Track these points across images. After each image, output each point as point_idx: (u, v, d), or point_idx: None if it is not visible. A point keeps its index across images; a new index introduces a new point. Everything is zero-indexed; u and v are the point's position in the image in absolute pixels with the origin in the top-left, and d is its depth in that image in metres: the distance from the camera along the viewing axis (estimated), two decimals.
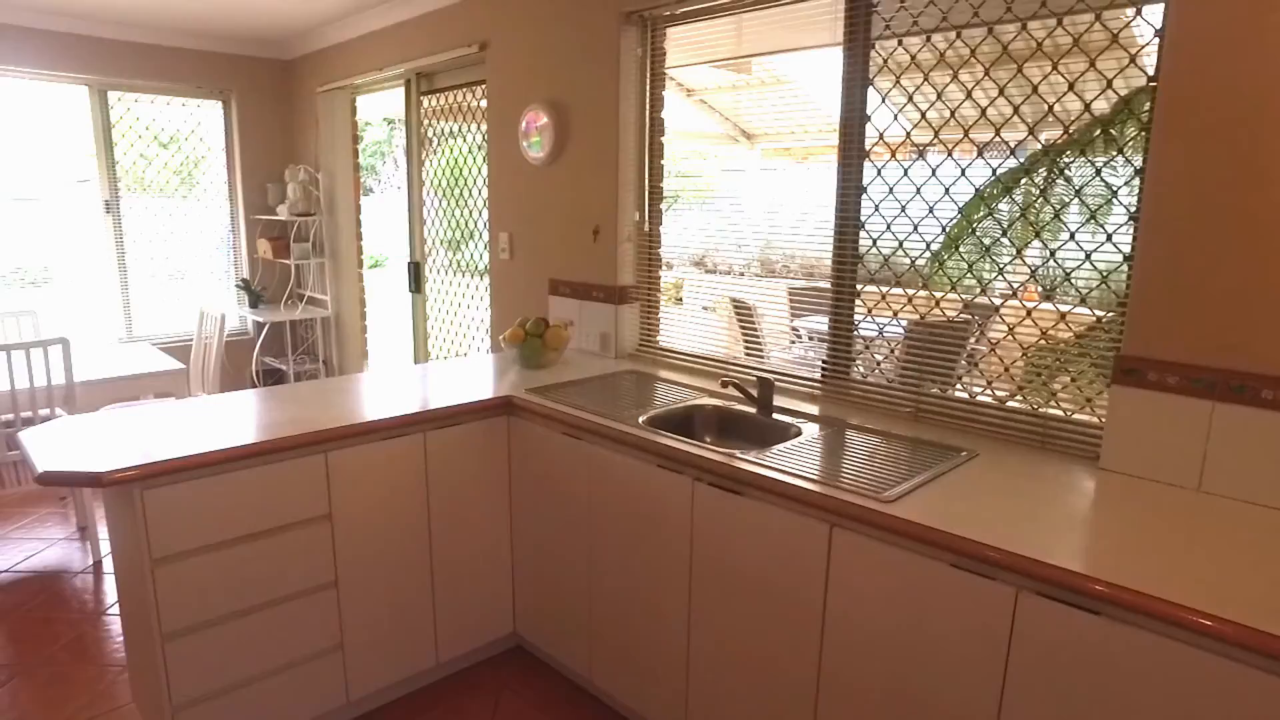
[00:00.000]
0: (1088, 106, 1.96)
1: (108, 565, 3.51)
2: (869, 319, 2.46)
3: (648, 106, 3.04)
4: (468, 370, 2.98)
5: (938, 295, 2.30)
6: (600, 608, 2.41)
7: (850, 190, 2.42)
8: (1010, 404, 2.15)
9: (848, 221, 2.44)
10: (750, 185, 3.45)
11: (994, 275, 2.18)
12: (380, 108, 5.25)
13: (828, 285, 2.54)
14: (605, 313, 3.18)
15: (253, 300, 5.38)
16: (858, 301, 2.48)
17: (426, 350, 4.57)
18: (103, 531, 3.73)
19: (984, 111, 2.12)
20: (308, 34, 4.94)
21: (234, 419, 2.30)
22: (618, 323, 3.15)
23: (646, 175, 3.08)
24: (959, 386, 2.30)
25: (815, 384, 2.59)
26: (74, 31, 4.61)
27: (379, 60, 4.38)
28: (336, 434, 2.23)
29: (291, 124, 5.45)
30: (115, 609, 3.13)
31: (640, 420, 2.29)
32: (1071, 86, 1.97)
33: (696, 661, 2.12)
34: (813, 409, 2.44)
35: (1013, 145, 2.10)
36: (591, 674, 2.51)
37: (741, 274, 3.30)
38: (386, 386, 2.73)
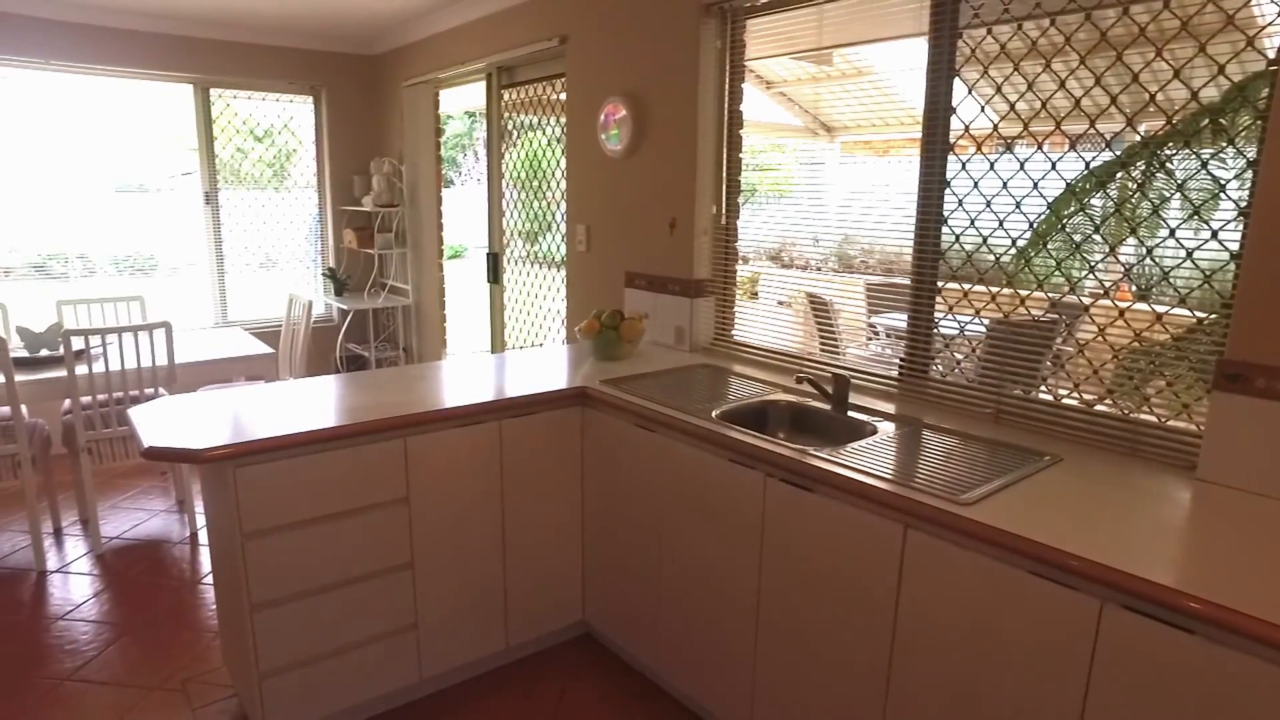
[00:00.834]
0: (1195, 95, 1.85)
1: (203, 537, 3.71)
2: (949, 316, 2.40)
3: (726, 99, 3.02)
4: (543, 361, 3.03)
5: (1023, 293, 2.22)
6: (668, 600, 2.42)
7: (933, 184, 2.35)
8: (1098, 408, 2.07)
9: (929, 216, 2.38)
10: (829, 179, 3.39)
11: (1084, 273, 2.09)
12: (462, 101, 5.35)
13: (907, 281, 2.48)
14: (680, 306, 3.18)
15: (338, 288, 5.58)
16: (938, 298, 2.41)
17: (503, 340, 4.66)
18: (199, 505, 3.94)
19: (1078, 102, 2.03)
20: (394, 30, 5.08)
21: (319, 403, 2.40)
22: (693, 316, 3.15)
23: (724, 168, 3.07)
24: (1043, 388, 2.22)
25: (892, 382, 2.54)
26: (181, 34, 4.85)
27: (462, 54, 4.47)
28: (415, 420, 2.30)
29: (377, 118, 5.61)
30: (209, 578, 3.30)
31: (713, 414, 2.29)
32: (1177, 74, 1.86)
33: (764, 658, 2.11)
34: (889, 407, 2.39)
35: (1109, 137, 2.01)
36: (657, 666, 2.52)
37: (818, 269, 3.25)
38: (464, 375, 2.80)
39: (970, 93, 2.27)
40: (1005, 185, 2.19)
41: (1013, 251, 2.22)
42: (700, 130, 3.03)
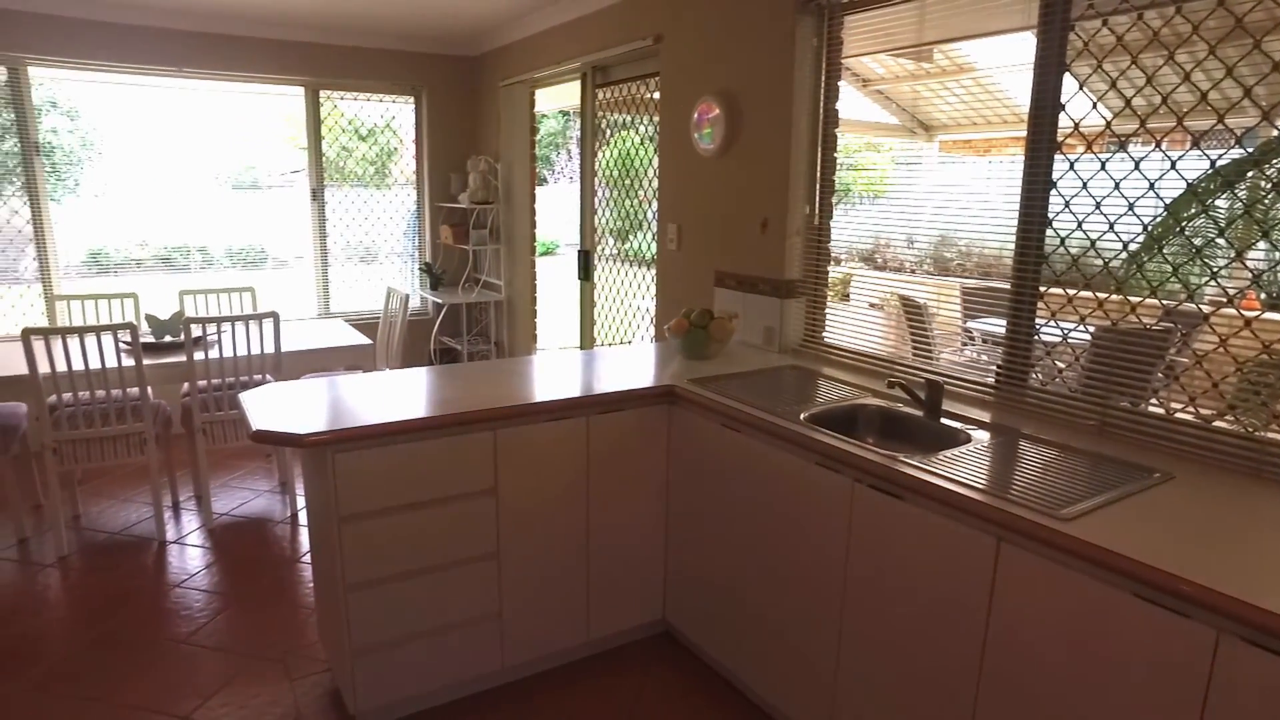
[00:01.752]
0: None
1: (302, 518, 3.89)
2: (1051, 323, 2.29)
3: (822, 97, 2.97)
4: (632, 358, 3.05)
5: (1134, 300, 2.10)
6: (750, 601, 2.40)
7: (1037, 185, 2.26)
8: (1217, 424, 1.94)
9: (1033, 218, 2.28)
10: (926, 179, 3.30)
11: (1205, 280, 1.97)
12: (557, 100, 5.44)
13: (1006, 286, 2.39)
14: (770, 306, 3.15)
15: (433, 283, 5.76)
16: (1039, 304, 2.31)
17: (593, 337, 4.71)
18: (300, 487, 4.13)
19: (1204, 95, 1.91)
20: (493, 31, 5.20)
21: (414, 393, 2.48)
22: (783, 317, 3.12)
23: (818, 167, 3.02)
24: (1153, 401, 2.10)
25: (988, 389, 2.45)
26: (296, 39, 5.10)
27: (558, 54, 4.54)
28: (505, 413, 2.36)
29: (475, 117, 5.76)
30: (308, 557, 3.47)
31: (801, 417, 2.26)
32: None
33: (846, 664, 2.08)
34: (984, 415, 2.31)
35: (1239, 133, 1.87)
36: (736, 667, 2.51)
37: (912, 271, 3.17)
38: (553, 370, 2.84)
39: (1081, 88, 2.16)
40: (1117, 186, 2.08)
41: (1124, 256, 2.10)
42: (794, 129, 2.99)
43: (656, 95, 3.87)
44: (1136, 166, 2.03)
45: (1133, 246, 2.09)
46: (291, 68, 5.16)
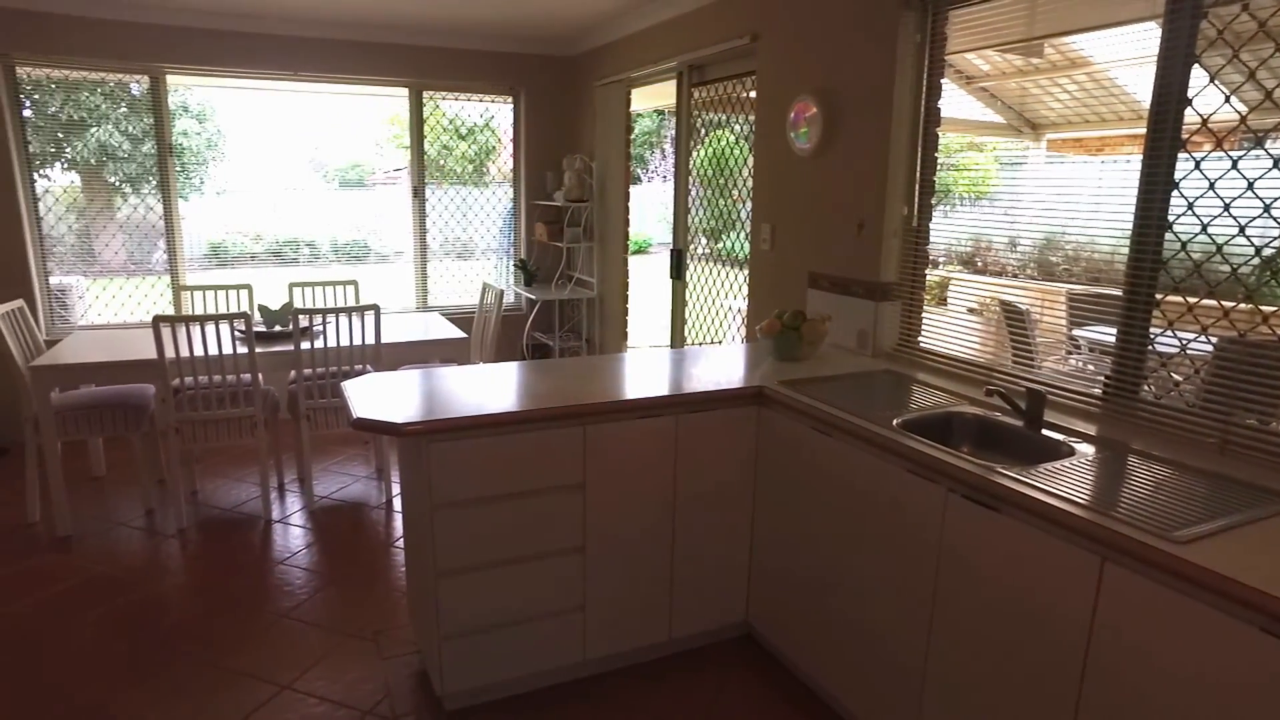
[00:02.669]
0: None
1: (397, 505, 4.04)
2: (1168, 332, 2.16)
3: (923, 95, 2.89)
4: (722, 358, 3.04)
5: (1266, 309, 1.96)
6: (835, 608, 2.36)
7: (1157, 185, 2.13)
8: None
9: (1150, 221, 2.16)
10: (1032, 179, 3.16)
11: None
12: (652, 99, 5.46)
13: (1118, 292, 2.26)
14: (865, 309, 3.09)
15: (527, 279, 5.87)
16: (1155, 312, 2.18)
17: (683, 336, 4.72)
18: (395, 475, 4.29)
19: None
20: (590, 32, 5.27)
21: (506, 387, 2.54)
22: (877, 320, 3.05)
23: (918, 168, 2.94)
24: None
25: (1094, 401, 2.33)
26: (401, 42, 5.29)
27: (654, 54, 4.56)
28: (595, 409, 2.38)
29: (571, 116, 5.85)
30: (401, 542, 3.60)
31: (894, 423, 2.20)
32: None
33: (933, 679, 2.01)
34: (1089, 428, 2.20)
35: None
36: (818, 674, 2.47)
37: (1015, 275, 3.04)
38: (644, 368, 2.86)
39: (1212, 80, 2.03)
40: (1251, 186, 1.94)
41: (1255, 262, 1.96)
42: (894, 128, 2.92)
43: (752, 94, 3.84)
44: (1276, 164, 1.89)
45: (1267, 251, 1.94)
46: (397, 70, 5.36)
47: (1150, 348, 2.20)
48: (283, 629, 2.89)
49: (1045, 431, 2.18)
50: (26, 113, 4.73)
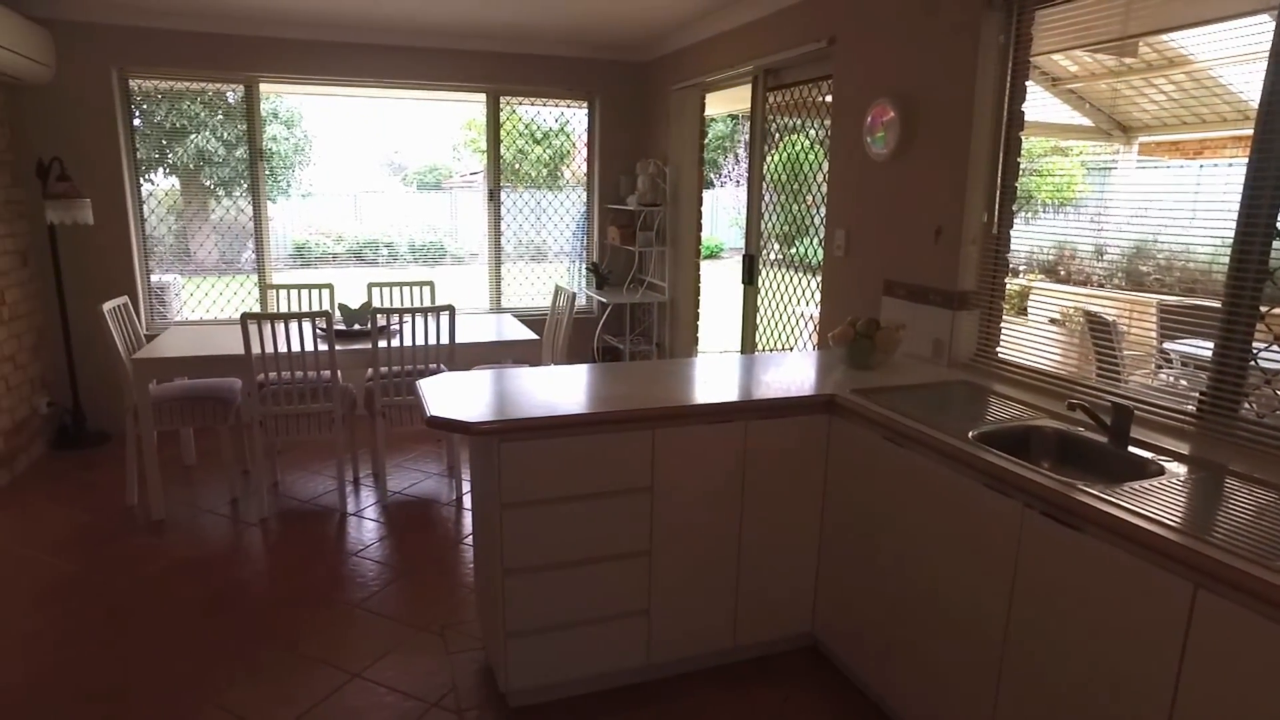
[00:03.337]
0: None
1: (466, 503, 4.12)
2: (1273, 347, 2.04)
3: (1006, 98, 2.80)
4: (793, 365, 3.01)
5: None
6: (904, 624, 2.31)
7: (1264, 189, 2.02)
8: None
9: (1256, 229, 2.04)
10: (1122, 185, 3.03)
11: None
12: (726, 104, 5.45)
13: (1217, 304, 2.15)
14: (941, 318, 3.01)
15: (599, 282, 5.92)
16: (1259, 325, 2.06)
17: (754, 341, 4.69)
18: (466, 473, 4.38)
19: None
20: (665, 37, 5.29)
21: (577, 389, 2.57)
22: (953, 329, 2.97)
23: (999, 173, 2.85)
24: None
25: (1187, 418, 2.22)
26: (479, 49, 5.41)
27: (729, 58, 4.55)
28: (665, 413, 2.39)
29: (645, 121, 5.88)
30: (469, 540, 3.67)
31: (970, 435, 2.14)
32: None
33: (1006, 703, 1.95)
34: (1181, 447, 2.09)
35: None
36: (884, 690, 2.42)
37: (1100, 285, 2.92)
38: (714, 373, 2.85)
39: None
40: None
41: None
42: (974, 133, 2.84)
43: (828, 98, 3.79)
44: None
45: None
46: (476, 76, 5.49)
47: (1253, 363, 2.09)
48: (355, 619, 2.98)
49: (1132, 449, 2.08)
50: (136, 121, 5.01)
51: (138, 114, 5.03)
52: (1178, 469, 1.95)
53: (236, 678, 2.62)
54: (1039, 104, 2.89)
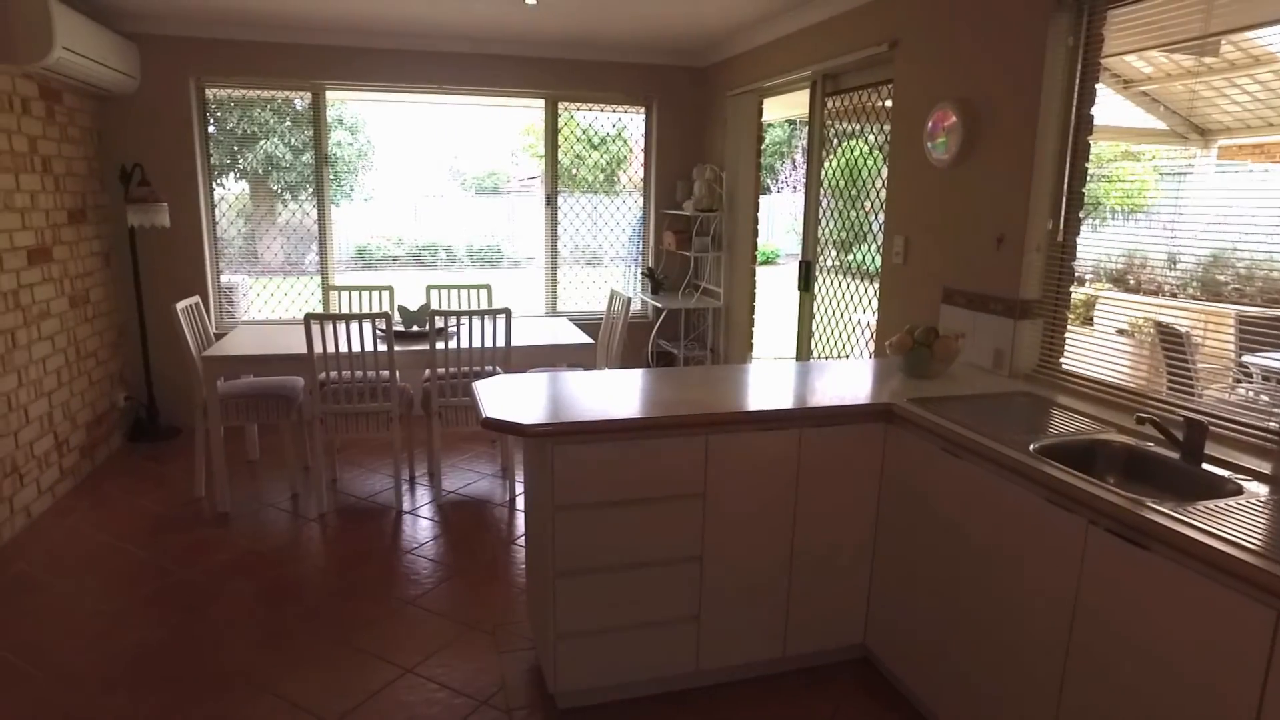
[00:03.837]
0: None
1: (519, 504, 4.16)
2: None
3: (1074, 102, 2.73)
4: (849, 373, 2.97)
5: None
6: (959, 639, 2.25)
7: None
8: None
9: None
10: (1198, 190, 2.92)
11: None
12: (784, 109, 5.41)
13: None
14: (1002, 327, 2.94)
15: (654, 287, 5.93)
16: None
17: (809, 348, 4.64)
18: (519, 474, 4.43)
19: None
20: (722, 42, 5.28)
21: (631, 394, 2.57)
22: (1015, 339, 2.89)
23: (1065, 179, 2.77)
24: None
25: (1269, 435, 2.12)
26: (539, 56, 5.48)
27: (787, 63, 4.52)
28: (719, 419, 2.38)
29: (702, 126, 5.87)
30: (521, 540, 3.70)
31: (1031, 447, 2.08)
32: None
33: None
34: (1261, 465, 2.00)
35: None
36: (937, 706, 2.36)
37: (1173, 295, 2.81)
38: (768, 380, 2.83)
39: None
40: None
41: None
42: (1040, 137, 2.77)
43: (888, 103, 3.73)
44: None
45: None
46: (535, 82, 5.55)
47: None
48: (408, 615, 3.03)
49: (1206, 466, 2.00)
50: (210, 129, 5.20)
51: (212, 121, 5.22)
52: (1258, 489, 1.86)
53: (294, 668, 2.69)
54: (1109, 107, 2.80)
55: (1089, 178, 2.74)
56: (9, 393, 3.66)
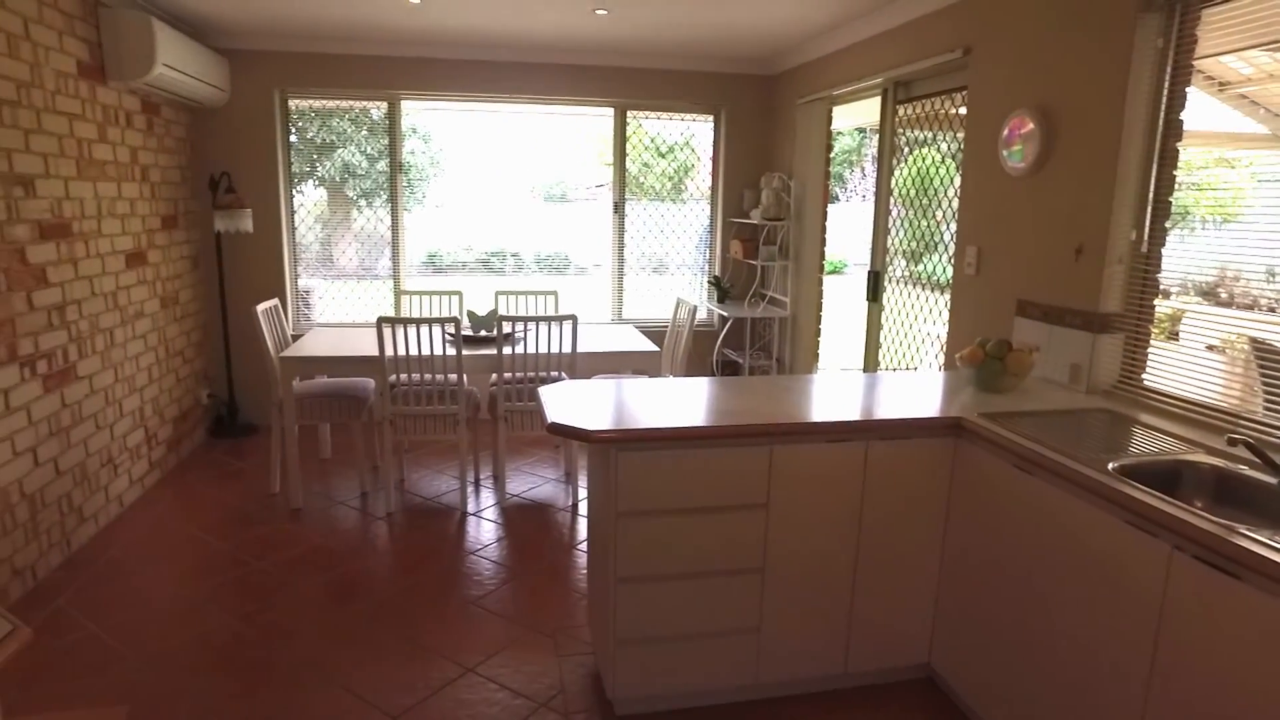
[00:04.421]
0: None
1: (582, 509, 4.19)
2: None
3: (1163, 106, 2.62)
4: (917, 385, 2.91)
5: None
6: (1028, 663, 2.17)
7: None
8: None
9: None
10: None
11: None
12: (853, 117, 5.34)
13: None
14: (1080, 341, 2.84)
15: (720, 296, 5.91)
16: None
17: (877, 360, 4.56)
18: (582, 479, 4.46)
19: None
20: (792, 50, 5.24)
21: (695, 402, 2.57)
22: (1094, 354, 2.79)
23: (1151, 187, 2.66)
24: None
25: None
26: (607, 65, 5.53)
27: (858, 71, 4.46)
28: (783, 429, 2.36)
29: (770, 134, 5.84)
30: (583, 545, 3.73)
31: (1110, 466, 2.00)
32: None
33: None
34: None
35: None
36: None
37: (1272, 310, 2.67)
38: (834, 391, 2.79)
39: None
40: None
41: None
42: (1123, 144, 2.67)
43: (962, 110, 3.65)
44: None
45: None
46: (604, 90, 5.61)
47: None
48: (470, 615, 3.08)
49: None
50: (292, 138, 5.42)
51: (294, 131, 5.43)
52: None
53: (360, 661, 2.76)
54: (1201, 111, 2.68)
55: (1177, 185, 2.62)
56: (107, 388, 3.87)
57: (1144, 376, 2.71)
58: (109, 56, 3.88)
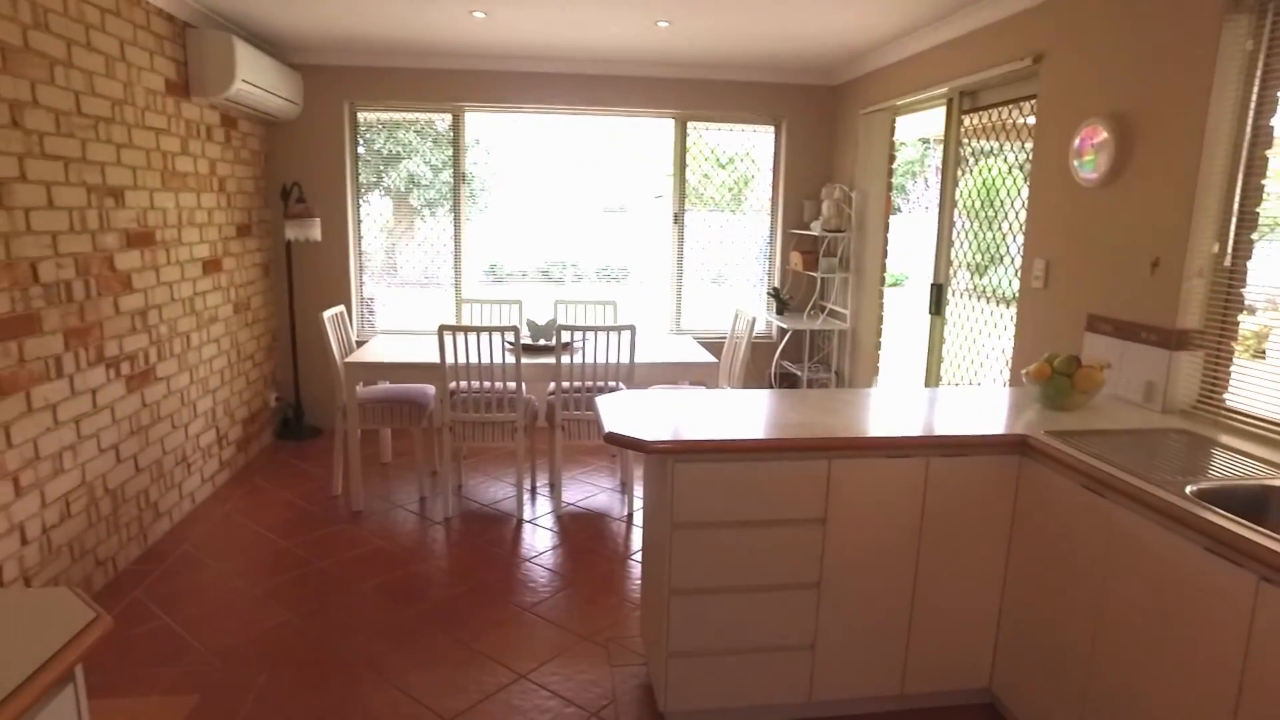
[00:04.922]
0: None
1: (637, 519, 4.19)
2: None
3: (1251, 111, 2.51)
4: (981, 401, 2.83)
5: None
6: (1098, 695, 2.09)
7: None
8: None
9: None
10: None
11: None
12: (916, 128, 5.25)
13: None
14: (1155, 358, 2.73)
15: (779, 307, 5.86)
16: None
17: (939, 374, 4.46)
18: (638, 490, 4.46)
19: None
20: (854, 61, 5.18)
21: (753, 414, 2.55)
22: (1170, 371, 2.68)
23: (1236, 197, 2.55)
24: None
25: None
26: (669, 76, 5.56)
27: (923, 80, 4.39)
28: (842, 444, 2.32)
29: (832, 145, 5.78)
30: (638, 556, 3.72)
31: (1187, 490, 1.92)
32: None
33: None
34: None
35: None
36: None
37: None
38: (894, 405, 2.74)
39: None
40: None
41: None
42: (1205, 152, 2.56)
43: (1030, 120, 3.56)
44: None
45: None
46: (664, 101, 5.63)
47: None
48: (524, 621, 3.10)
49: None
50: (360, 149, 5.58)
51: (361, 142, 5.59)
52: None
53: (415, 663, 2.80)
54: None
55: (1265, 195, 2.51)
56: (183, 389, 4.03)
57: (1226, 396, 2.59)
58: (193, 74, 4.07)
